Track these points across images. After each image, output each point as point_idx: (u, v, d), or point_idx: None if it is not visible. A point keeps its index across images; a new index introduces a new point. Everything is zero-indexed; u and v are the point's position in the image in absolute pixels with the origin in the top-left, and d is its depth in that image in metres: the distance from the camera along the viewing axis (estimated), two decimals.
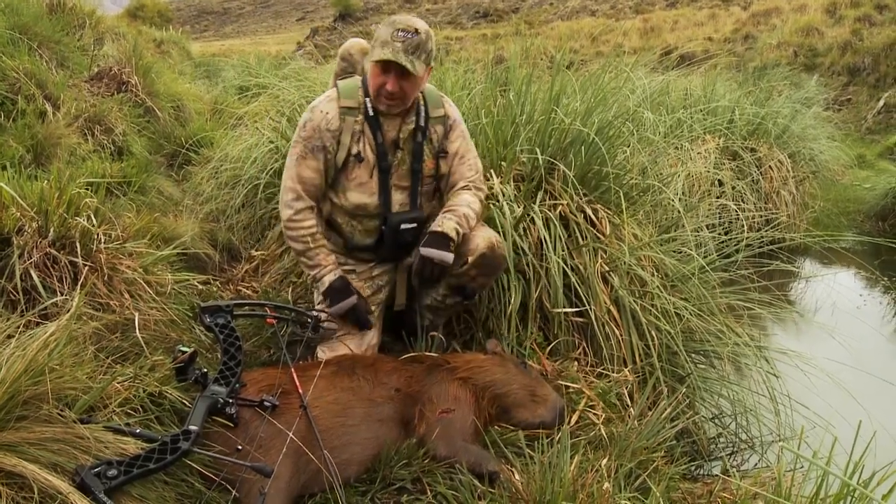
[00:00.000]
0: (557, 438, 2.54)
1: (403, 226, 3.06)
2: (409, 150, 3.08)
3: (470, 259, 2.95)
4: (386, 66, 2.86)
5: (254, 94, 7.22)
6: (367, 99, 3.01)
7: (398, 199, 3.09)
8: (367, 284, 3.20)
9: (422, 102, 3.10)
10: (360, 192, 3.06)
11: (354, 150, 3.02)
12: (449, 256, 2.87)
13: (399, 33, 2.81)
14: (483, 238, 2.98)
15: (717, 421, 3.58)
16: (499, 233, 3.18)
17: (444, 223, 2.91)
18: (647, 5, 34.84)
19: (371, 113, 3.01)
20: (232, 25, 64.12)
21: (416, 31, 2.83)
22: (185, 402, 2.30)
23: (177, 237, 3.85)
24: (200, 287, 3.72)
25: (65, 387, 2.02)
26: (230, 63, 11.63)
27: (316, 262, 3.07)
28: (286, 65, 8.02)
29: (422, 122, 3.08)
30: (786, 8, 21.62)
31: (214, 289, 3.83)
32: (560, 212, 3.51)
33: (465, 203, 3.02)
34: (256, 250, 4.34)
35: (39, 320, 2.35)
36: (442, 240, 2.88)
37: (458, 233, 2.92)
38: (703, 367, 3.63)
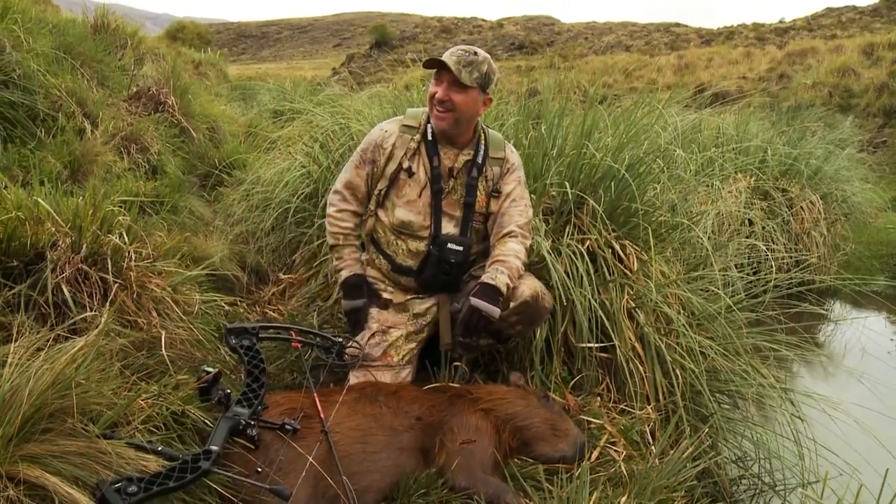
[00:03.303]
0: (577, 474, 2.53)
1: (450, 245, 3.09)
2: (462, 182, 3.15)
3: (512, 305, 2.96)
4: (438, 75, 3.02)
5: (288, 118, 7.32)
6: (430, 125, 3.14)
7: (447, 226, 3.14)
8: (411, 322, 3.22)
9: (482, 141, 3.19)
10: (408, 209, 3.13)
11: (406, 165, 3.13)
12: (496, 311, 2.88)
13: (457, 49, 3.02)
14: (528, 287, 3.01)
15: (739, 463, 3.53)
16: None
17: (498, 277, 2.92)
18: (681, 42, 34.93)
19: (430, 137, 3.13)
20: (269, 49, 65.11)
21: (475, 53, 3.02)
22: (207, 421, 2.32)
23: (206, 257, 3.89)
24: (227, 308, 3.74)
25: (90, 401, 2.04)
26: (266, 87, 11.77)
27: (341, 256, 3.28)
28: (321, 90, 8.09)
29: (479, 160, 3.16)
30: (822, 48, 21.60)
31: (241, 310, 3.86)
32: (588, 246, 3.51)
33: (514, 253, 3.03)
34: (284, 273, 4.37)
35: (68, 335, 2.37)
36: (493, 293, 2.90)
37: (508, 287, 2.94)
38: (726, 407, 3.59)
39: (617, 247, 3.59)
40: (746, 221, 6.37)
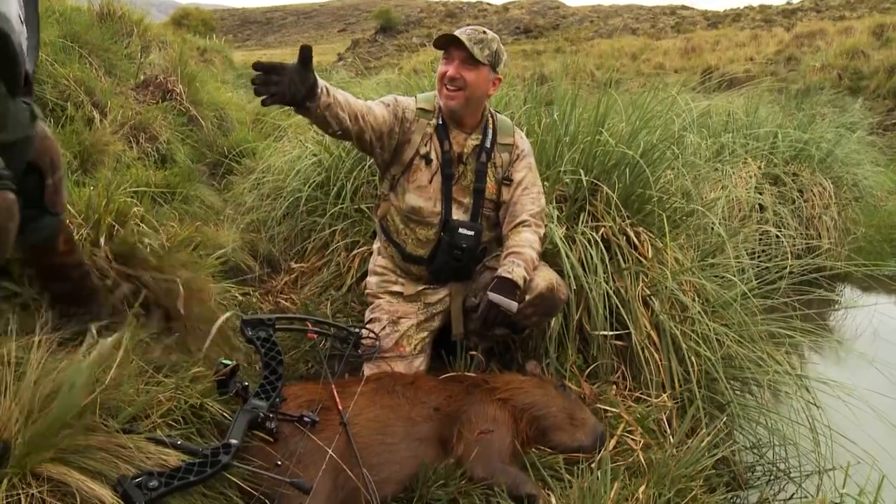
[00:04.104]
0: (595, 463, 2.53)
1: (461, 230, 3.07)
2: (471, 168, 3.12)
3: (528, 297, 2.94)
4: (448, 54, 2.99)
5: None
6: (440, 111, 3.12)
7: (458, 213, 3.12)
8: (422, 311, 3.22)
9: (490, 125, 3.16)
10: (418, 195, 3.10)
11: (423, 151, 3.09)
12: (514, 305, 2.86)
13: (467, 28, 2.99)
14: (544, 278, 2.98)
15: (754, 450, 3.52)
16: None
17: (514, 270, 2.89)
18: (688, 24, 34.76)
19: (441, 122, 3.10)
20: (274, 35, 64.95)
21: (484, 32, 2.99)
22: (225, 414, 2.31)
23: (218, 247, 3.88)
24: (240, 298, 3.74)
25: (110, 396, 2.04)
26: None
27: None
28: (328, 77, 8.04)
29: (487, 144, 3.13)
30: (830, 30, 21.44)
31: (254, 300, 3.85)
32: (602, 234, 3.49)
33: (528, 244, 3.00)
34: (296, 262, 4.36)
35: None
36: (510, 287, 2.88)
37: (524, 280, 2.92)
38: (741, 394, 3.58)
39: (631, 234, 3.57)
40: (757, 206, 6.34)
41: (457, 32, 2.95)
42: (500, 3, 51.93)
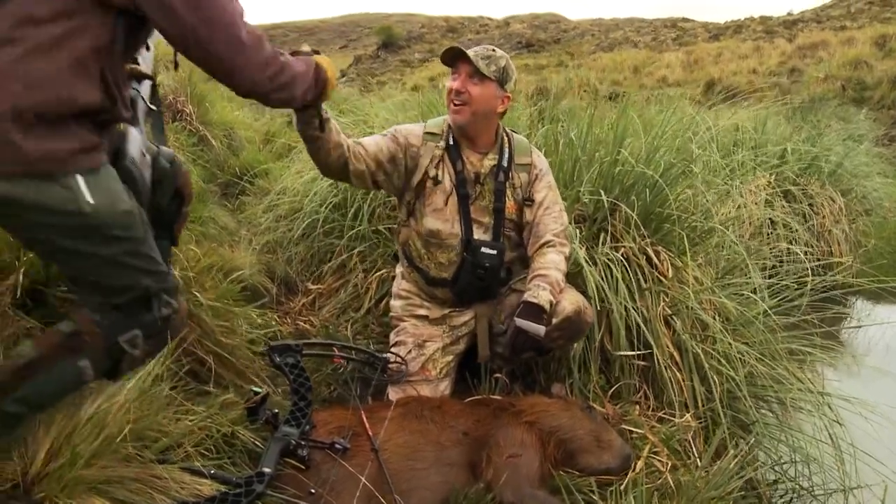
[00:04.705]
0: (623, 486, 2.53)
1: (483, 249, 3.08)
2: (490, 188, 3.13)
3: (555, 321, 2.94)
4: (455, 69, 3.02)
5: None
6: (450, 131, 3.13)
7: (478, 233, 3.13)
8: (447, 334, 3.22)
9: (507, 144, 3.18)
10: (435, 217, 3.11)
11: (432, 174, 3.10)
12: (542, 330, 2.86)
13: (477, 48, 3.02)
14: (571, 302, 2.98)
15: (776, 468, 3.51)
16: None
17: (540, 294, 2.90)
18: (689, 37, 34.83)
19: (451, 142, 3.11)
20: None
21: (493, 50, 3.02)
22: (257, 442, 2.32)
23: (235, 269, 3.88)
24: (259, 321, 3.74)
25: (143, 426, 2.05)
26: None
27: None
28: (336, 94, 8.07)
29: (504, 163, 3.14)
30: (833, 41, 21.50)
31: (273, 322, 3.85)
32: (623, 253, 3.49)
33: (553, 265, 3.01)
34: (314, 284, 4.36)
35: None
36: (537, 311, 2.88)
37: (551, 304, 2.92)
38: (764, 412, 3.57)
39: (651, 253, 3.58)
40: (768, 222, 6.34)
41: (461, 47, 3.00)
42: (502, 17, 52.18)
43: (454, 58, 3.02)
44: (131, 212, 1.84)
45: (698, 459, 2.91)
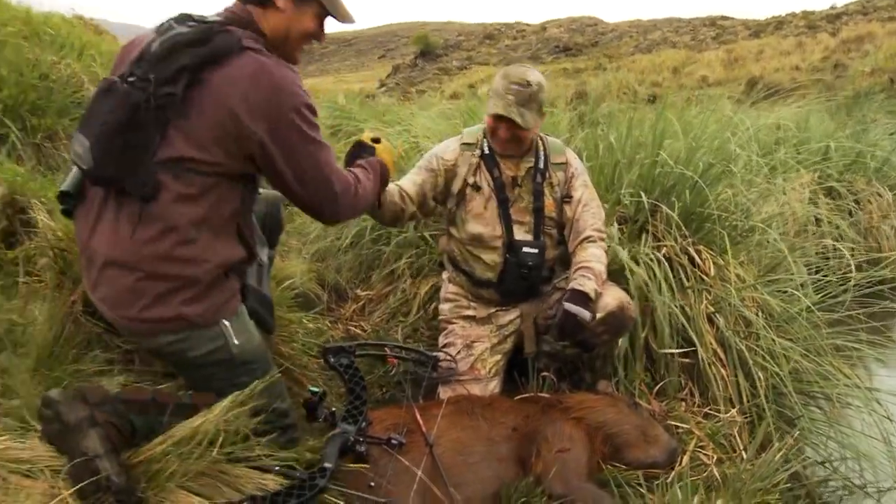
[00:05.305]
0: (669, 479, 2.59)
1: (525, 249, 3.20)
2: (528, 189, 3.25)
3: (599, 315, 3.04)
4: (499, 117, 3.08)
5: (347, 133, 7.48)
6: (485, 139, 3.25)
7: (519, 232, 3.24)
8: (494, 333, 3.32)
9: (542, 147, 3.29)
10: (477, 222, 3.23)
11: (471, 181, 3.24)
12: (588, 314, 2.98)
13: (512, 86, 3.04)
14: (614, 297, 3.08)
15: (826, 465, 3.51)
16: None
17: (585, 283, 3.02)
18: (729, 35, 34.43)
19: (487, 151, 3.24)
20: (316, 64, 65.92)
21: (528, 84, 3.05)
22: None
23: (287, 277, 4.02)
24: (311, 326, 3.86)
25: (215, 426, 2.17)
26: (317, 102, 11.94)
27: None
28: (370, 105, 8.20)
29: (541, 165, 3.26)
30: (879, 32, 21.12)
31: (325, 328, 3.97)
32: (665, 253, 3.55)
33: (596, 259, 3.13)
34: (363, 290, 4.48)
35: None
36: (583, 298, 3.00)
37: (595, 293, 3.04)
38: (811, 408, 3.58)
39: (693, 252, 3.64)
40: (813, 219, 6.30)
41: (504, 106, 3.04)
42: (538, 22, 52.08)
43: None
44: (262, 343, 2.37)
45: (743, 453, 2.96)
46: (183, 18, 2.21)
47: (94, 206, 2.17)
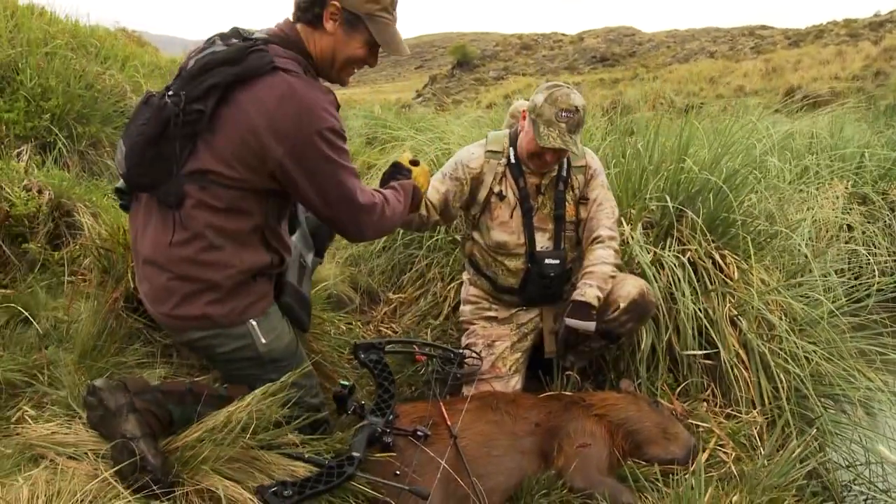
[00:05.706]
0: (689, 473, 2.66)
1: (547, 260, 3.29)
2: (550, 197, 3.32)
3: (622, 305, 3.13)
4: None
5: (381, 141, 7.62)
6: (511, 148, 3.31)
7: (541, 240, 3.32)
8: (514, 332, 3.43)
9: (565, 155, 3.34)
10: (502, 230, 3.31)
11: (497, 189, 3.31)
12: (591, 325, 3.06)
13: (563, 114, 3.06)
14: (634, 285, 3.17)
15: (851, 469, 3.53)
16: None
17: (587, 292, 3.09)
18: (767, 45, 34.09)
19: (513, 160, 3.30)
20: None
21: (577, 110, 3.09)
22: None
23: (320, 280, 4.15)
24: (343, 327, 3.99)
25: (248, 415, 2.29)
26: (353, 112, 12.14)
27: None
28: (414, 114, 8.32)
29: (563, 173, 3.33)
30: None
31: (357, 329, 4.10)
32: (689, 257, 3.62)
33: (601, 261, 3.19)
34: (394, 293, 4.60)
35: None
36: (585, 309, 3.08)
37: (599, 299, 3.10)
38: (833, 411, 3.61)
39: (717, 256, 3.70)
40: (845, 227, 6.28)
41: (559, 136, 3.05)
42: (575, 33, 52.01)
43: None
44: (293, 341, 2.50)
45: (762, 450, 3.01)
46: (230, 35, 2.31)
47: (142, 207, 2.31)
